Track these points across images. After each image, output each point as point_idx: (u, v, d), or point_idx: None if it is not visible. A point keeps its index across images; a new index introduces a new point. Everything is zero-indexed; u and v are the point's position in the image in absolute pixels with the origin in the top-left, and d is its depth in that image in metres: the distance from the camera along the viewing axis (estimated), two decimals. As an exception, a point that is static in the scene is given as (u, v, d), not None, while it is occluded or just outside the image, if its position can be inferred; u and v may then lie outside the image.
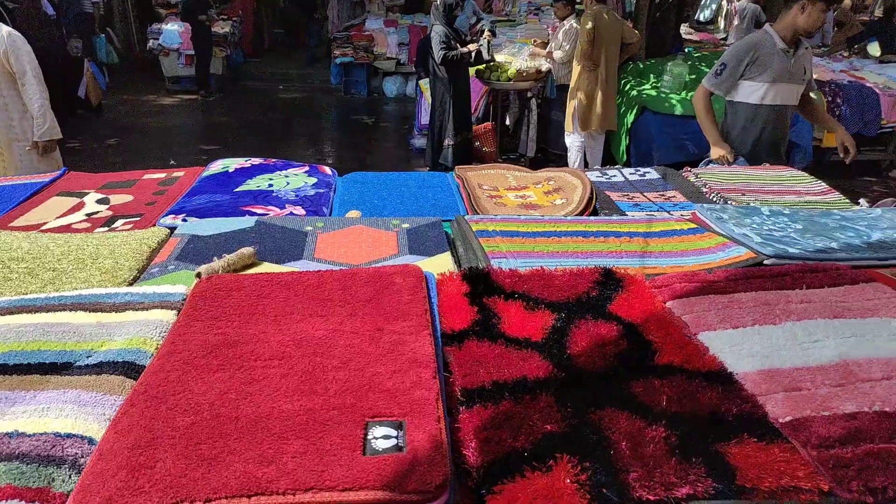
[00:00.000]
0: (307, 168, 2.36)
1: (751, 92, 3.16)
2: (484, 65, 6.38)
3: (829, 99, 6.39)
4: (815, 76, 6.66)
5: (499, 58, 6.88)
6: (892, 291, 1.36)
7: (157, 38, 10.48)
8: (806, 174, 2.40)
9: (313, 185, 2.18)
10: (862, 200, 2.11)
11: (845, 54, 8.33)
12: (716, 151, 3.13)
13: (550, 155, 6.93)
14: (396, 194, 2.16)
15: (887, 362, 1.11)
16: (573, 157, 6.03)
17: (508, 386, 1.05)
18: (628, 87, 6.49)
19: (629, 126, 6.25)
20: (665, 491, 0.83)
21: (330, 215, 1.99)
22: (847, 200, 2.14)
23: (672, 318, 1.27)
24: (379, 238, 1.70)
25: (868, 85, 6.67)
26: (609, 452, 0.90)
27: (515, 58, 6.84)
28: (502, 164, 2.64)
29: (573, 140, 5.99)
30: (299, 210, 1.96)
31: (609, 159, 6.42)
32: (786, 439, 0.93)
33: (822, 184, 2.28)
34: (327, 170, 2.39)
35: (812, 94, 3.44)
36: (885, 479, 0.87)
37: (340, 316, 1.20)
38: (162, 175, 2.27)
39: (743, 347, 1.16)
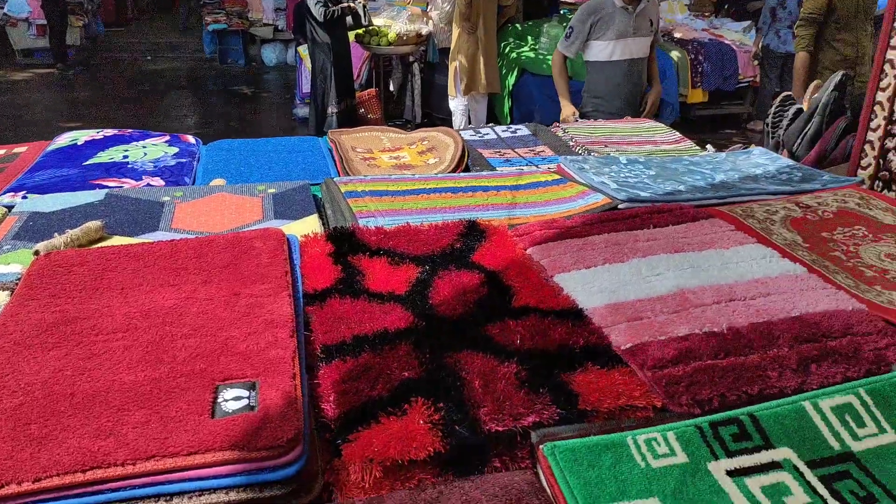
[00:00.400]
0: (168, 138, 2.23)
1: (599, 50, 3.39)
2: (363, 29, 6.25)
3: (692, 57, 6.77)
4: (679, 35, 7.08)
5: (377, 21, 6.75)
6: (728, 225, 1.48)
7: (2, 7, 9.47)
8: (662, 125, 2.55)
9: (174, 154, 2.07)
10: (709, 146, 2.27)
11: (707, 14, 8.83)
12: (564, 111, 3.35)
13: (436, 119, 6.94)
14: (265, 160, 2.09)
15: (718, 289, 1.21)
16: (458, 120, 6.07)
17: (369, 339, 1.05)
18: (508, 49, 6.58)
19: (511, 88, 6.36)
20: (513, 421, 0.87)
21: (193, 185, 1.90)
22: (697, 148, 2.30)
23: (530, 264, 1.32)
24: (242, 205, 1.64)
25: (726, 42, 7.13)
26: (462, 392, 0.93)
27: (395, 21, 6.74)
28: (377, 127, 2.61)
29: (457, 104, 6.02)
30: (158, 181, 1.85)
31: (494, 121, 6.51)
32: (625, 364, 1.00)
33: (676, 133, 2.43)
34: (190, 138, 2.27)
35: (675, 53, 3.69)
36: (710, 392, 0.95)
37: (194, 284, 1.15)
38: (0, 151, 2.07)
39: (594, 285, 1.22)
